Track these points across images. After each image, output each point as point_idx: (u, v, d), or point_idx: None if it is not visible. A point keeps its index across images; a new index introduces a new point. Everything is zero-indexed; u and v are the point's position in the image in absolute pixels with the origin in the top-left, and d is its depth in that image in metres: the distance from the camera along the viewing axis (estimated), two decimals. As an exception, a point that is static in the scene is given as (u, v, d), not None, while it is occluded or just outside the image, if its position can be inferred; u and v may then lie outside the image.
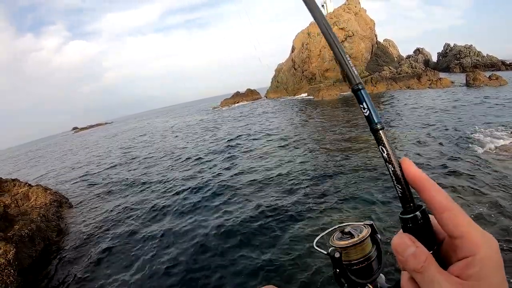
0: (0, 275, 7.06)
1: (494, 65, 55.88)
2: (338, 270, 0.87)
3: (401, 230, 0.60)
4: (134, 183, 16.45)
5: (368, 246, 0.85)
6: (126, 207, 12.74)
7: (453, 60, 63.45)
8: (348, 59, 0.66)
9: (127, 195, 14.43)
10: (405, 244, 0.57)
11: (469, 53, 61.58)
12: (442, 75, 46.51)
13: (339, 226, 0.93)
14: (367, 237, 0.84)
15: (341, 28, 55.58)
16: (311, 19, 0.70)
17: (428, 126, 17.36)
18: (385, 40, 80.00)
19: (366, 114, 0.63)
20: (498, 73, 37.79)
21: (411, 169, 0.59)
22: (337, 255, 0.85)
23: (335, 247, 0.86)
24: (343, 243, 0.85)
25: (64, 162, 34.26)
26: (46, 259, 9.26)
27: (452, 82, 40.68)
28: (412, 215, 0.58)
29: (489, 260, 0.51)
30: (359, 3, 61.06)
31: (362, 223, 0.90)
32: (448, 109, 21.80)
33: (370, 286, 0.87)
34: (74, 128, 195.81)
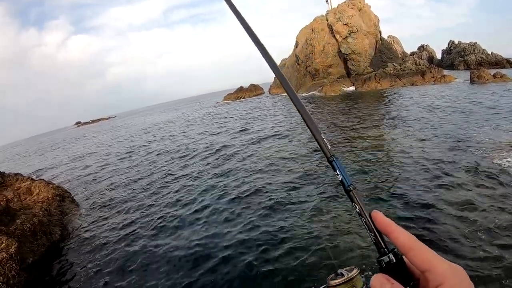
0: (2, 269, 7.10)
1: (499, 63, 55.36)
2: None
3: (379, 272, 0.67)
4: (137, 177, 16.51)
5: (359, 283, 0.86)
6: (130, 201, 12.81)
7: (458, 57, 62.94)
8: (322, 136, 0.75)
9: (130, 190, 14.49)
10: (381, 283, 0.63)
11: (474, 51, 61.07)
12: (446, 72, 46.19)
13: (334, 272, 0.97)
14: (357, 275, 0.86)
15: (345, 24, 55.17)
16: (315, 15, 0.74)
17: (430, 124, 17.26)
18: (389, 36, 79.41)
19: (340, 179, 0.73)
20: (503, 71, 37.48)
21: (379, 218, 0.68)
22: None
23: (329, 286, 0.89)
24: (335, 281, 0.88)
25: (65, 157, 34.36)
26: (49, 254, 9.31)
27: (456, 79, 40.41)
28: (385, 256, 0.66)
29: (456, 287, 0.57)
30: (364, -2, 60.49)
31: (353, 267, 0.93)
32: (451, 106, 21.62)
33: None
34: (77, 123, 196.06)
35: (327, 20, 58.02)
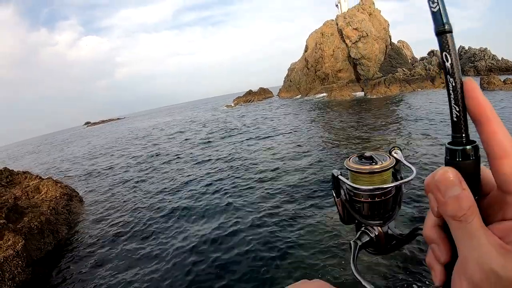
0: (8, 266, 7.18)
1: (510, 69, 54.72)
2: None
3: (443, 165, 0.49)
4: (146, 179, 16.58)
5: (388, 179, 0.72)
6: (138, 202, 12.84)
7: (468, 63, 62.39)
8: None
9: (139, 191, 14.54)
10: (450, 182, 0.45)
11: (484, 56, 60.48)
12: (456, 78, 45.70)
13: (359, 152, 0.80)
14: (391, 168, 0.71)
15: (355, 29, 55.07)
16: (325, 19, 0.58)
17: (438, 130, 17.09)
18: (399, 41, 79.03)
19: (434, 10, 0.47)
20: (514, 78, 37.00)
21: (476, 93, 0.46)
22: (336, 173, 0.75)
23: (349, 169, 0.73)
24: (360, 167, 0.72)
25: (75, 156, 34.69)
26: (55, 252, 9.39)
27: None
28: (463, 147, 0.47)
29: None
30: (374, 3, 60.31)
31: (388, 155, 0.77)
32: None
33: (377, 228, 0.77)
34: (87, 123, 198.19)
35: (337, 25, 58.05)
